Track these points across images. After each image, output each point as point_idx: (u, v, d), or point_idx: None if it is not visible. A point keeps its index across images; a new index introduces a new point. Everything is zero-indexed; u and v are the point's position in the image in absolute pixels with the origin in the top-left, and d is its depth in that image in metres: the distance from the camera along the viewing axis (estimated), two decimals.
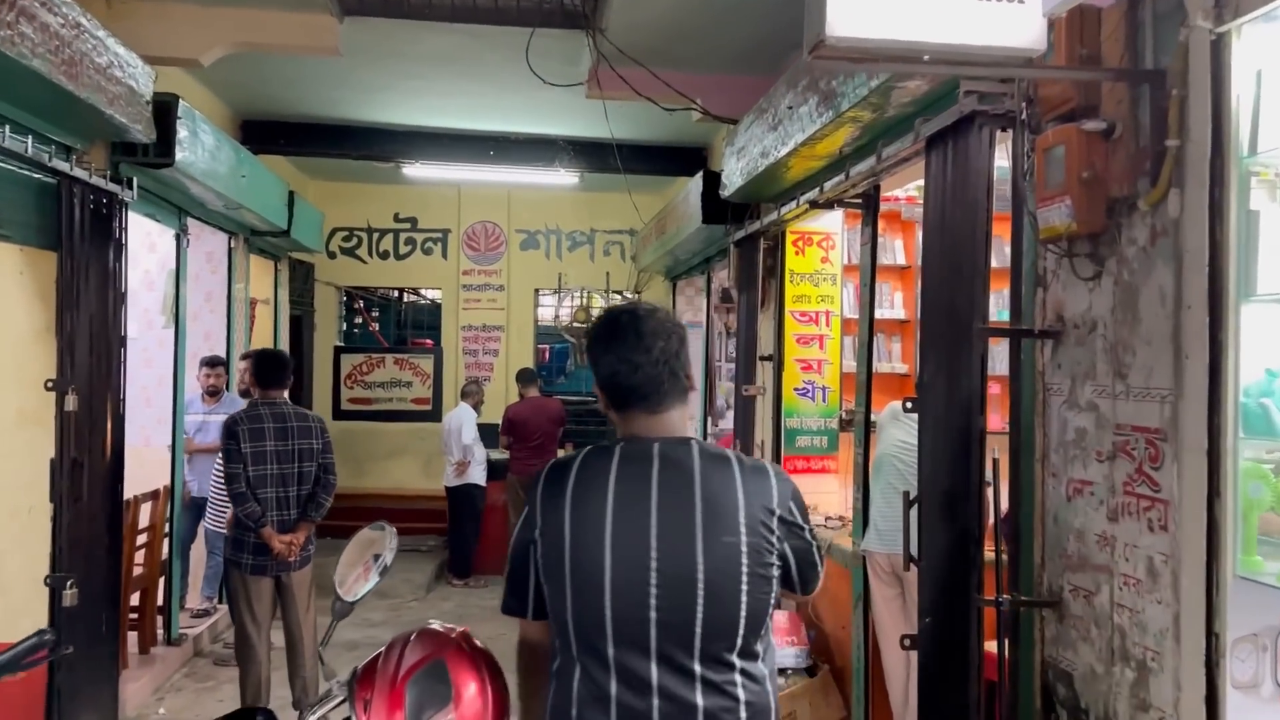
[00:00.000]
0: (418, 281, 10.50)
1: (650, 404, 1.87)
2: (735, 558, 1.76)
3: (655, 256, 8.39)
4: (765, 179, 5.11)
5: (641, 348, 1.85)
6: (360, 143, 7.87)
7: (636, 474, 1.81)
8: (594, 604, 1.76)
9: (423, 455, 10.20)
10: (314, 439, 5.03)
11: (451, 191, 10.23)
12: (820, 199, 4.43)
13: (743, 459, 1.88)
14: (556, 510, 1.83)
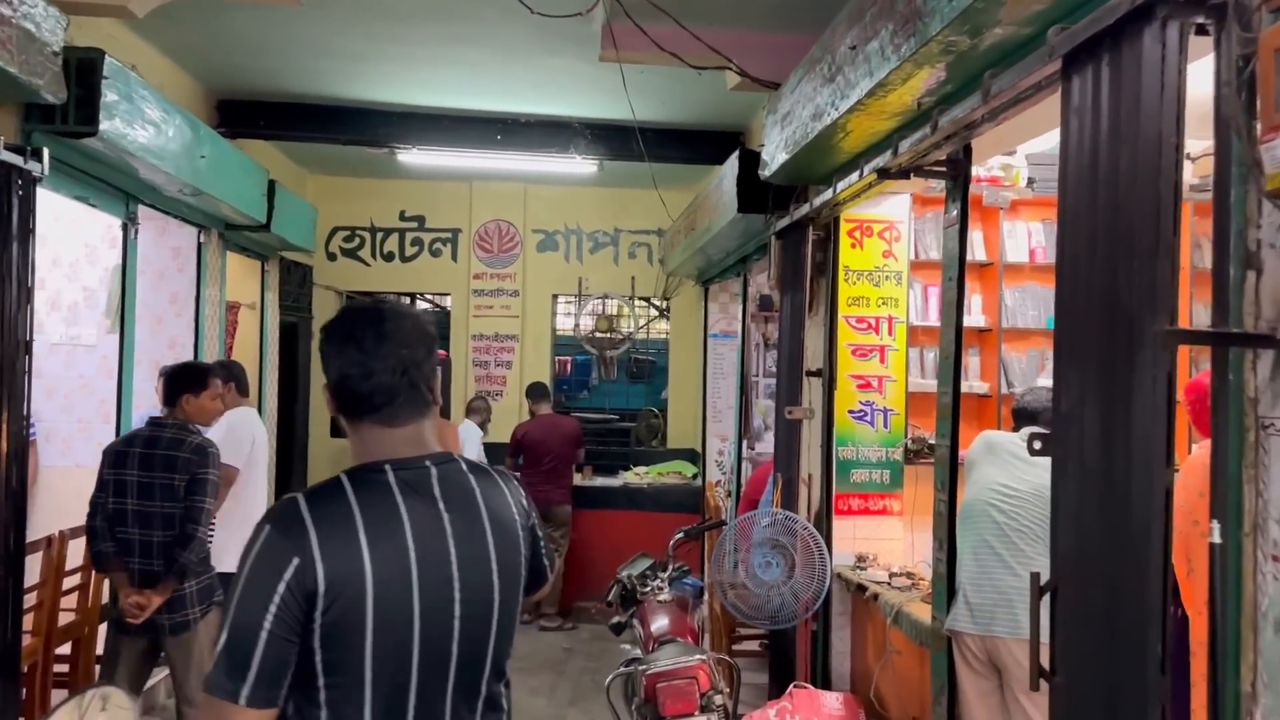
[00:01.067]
0: (425, 286, 9.55)
1: (383, 416, 1.71)
2: (518, 572, 1.77)
3: (684, 257, 7.38)
4: (816, 150, 4.08)
5: (379, 353, 1.70)
6: (349, 125, 6.93)
7: (424, 500, 1.68)
8: (400, 658, 1.60)
9: None
10: (176, 472, 3.99)
11: (462, 187, 9.29)
12: (893, 165, 3.39)
13: (497, 469, 1.87)
14: (348, 557, 1.57)
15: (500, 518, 1.73)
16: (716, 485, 8.16)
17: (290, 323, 8.82)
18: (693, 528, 4.95)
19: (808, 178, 4.60)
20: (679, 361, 9.31)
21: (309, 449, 9.28)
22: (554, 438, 7.93)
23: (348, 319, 1.75)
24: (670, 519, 8.13)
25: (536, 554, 1.86)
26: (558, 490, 7.93)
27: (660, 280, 9.17)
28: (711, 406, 8.25)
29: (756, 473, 6.49)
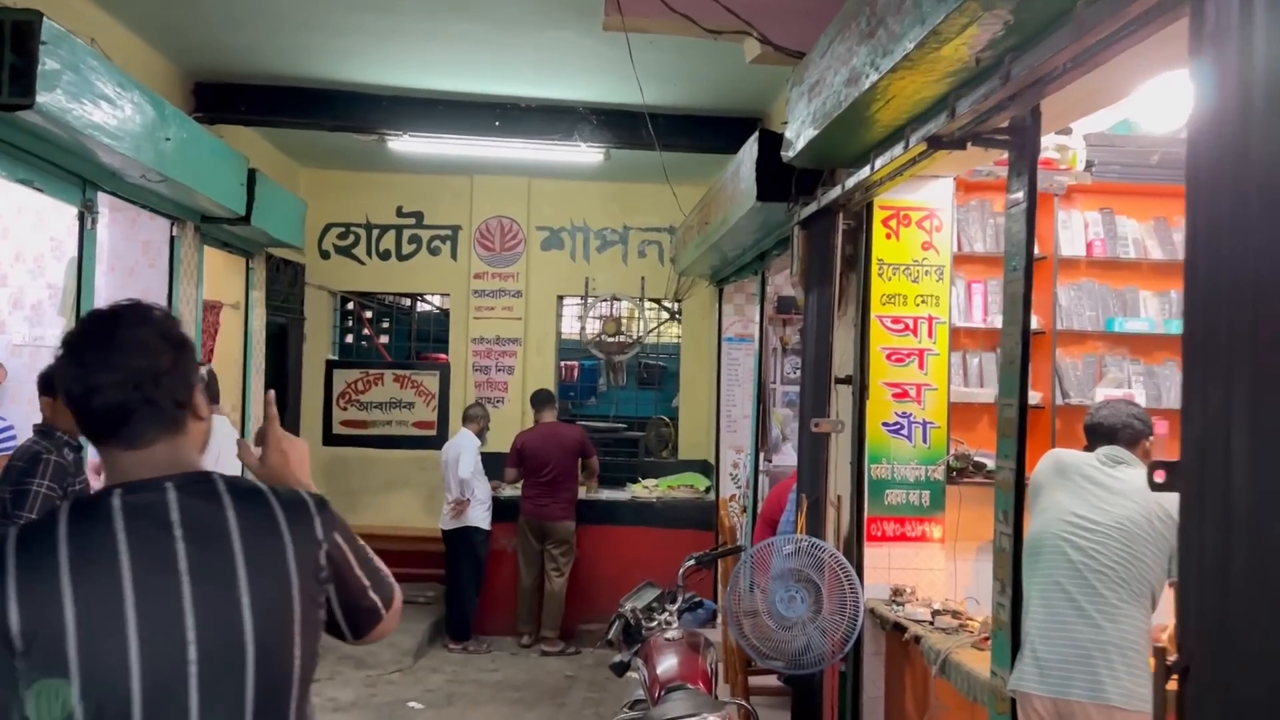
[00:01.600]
0: (422, 286, 9.03)
1: (121, 439, 1.50)
2: (287, 611, 1.50)
3: (697, 255, 6.83)
4: (850, 122, 3.53)
5: (108, 364, 1.47)
6: (336, 109, 6.42)
7: (152, 531, 1.45)
8: (118, 711, 1.38)
9: (425, 488, 8.70)
10: (7, 483, 3.46)
11: (462, 181, 8.77)
12: (948, 132, 2.85)
13: (279, 491, 1.58)
14: (46, 599, 1.38)
15: (265, 548, 1.49)
16: (731, 501, 7.60)
17: (279, 325, 8.32)
18: (706, 554, 4.41)
19: (838, 158, 4.05)
20: (691, 367, 8.77)
21: None
22: (553, 447, 7.40)
23: (77, 328, 1.55)
24: (681, 537, 7.60)
25: (348, 588, 1.60)
26: (558, 504, 7.39)
27: (671, 281, 8.63)
28: (726, 415, 7.71)
29: (775, 490, 5.94)
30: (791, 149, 4.15)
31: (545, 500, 7.38)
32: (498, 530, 7.64)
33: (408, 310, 9.80)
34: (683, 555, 7.70)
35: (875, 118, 3.42)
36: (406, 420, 8.83)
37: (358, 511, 8.75)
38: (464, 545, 7.38)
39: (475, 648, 7.33)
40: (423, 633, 7.28)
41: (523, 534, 7.47)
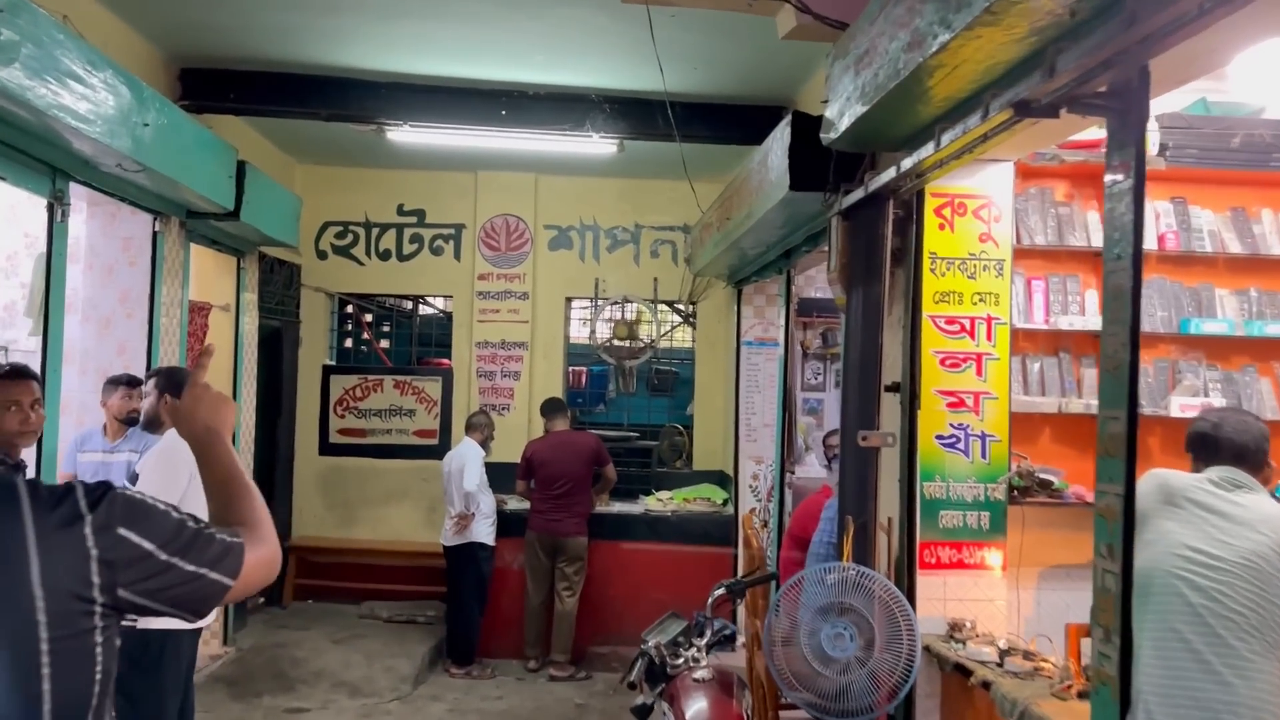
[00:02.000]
0: (424, 287, 8.60)
1: None
2: (29, 637, 1.31)
3: (715, 254, 6.40)
4: (907, 95, 3.10)
5: None
6: (330, 97, 6.00)
7: None
8: None
9: (426, 500, 8.28)
10: None
11: (465, 178, 8.35)
12: (1042, 95, 2.41)
13: (38, 487, 1.39)
14: None
15: None
16: (752, 514, 7.15)
17: (273, 328, 7.90)
18: (737, 581, 3.96)
19: (888, 138, 3.61)
20: (706, 373, 8.33)
21: (294, 468, 8.34)
22: (566, 457, 6.95)
23: None
24: (698, 553, 7.18)
25: (162, 580, 1.40)
26: (571, 519, 6.95)
27: (686, 282, 8.20)
28: (745, 424, 7.27)
29: (804, 505, 5.50)
30: (833, 130, 3.72)
31: (557, 514, 6.93)
32: (503, 546, 7.20)
33: (409, 313, 9.38)
34: (700, 572, 7.34)
35: (938, 87, 2.98)
36: (407, 429, 8.40)
37: (355, 525, 8.33)
38: (467, 562, 6.94)
39: (479, 673, 6.89)
40: (423, 656, 6.84)
41: (531, 550, 7.03)
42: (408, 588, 7.98)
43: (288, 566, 8.05)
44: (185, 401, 1.72)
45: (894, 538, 3.66)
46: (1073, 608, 4.05)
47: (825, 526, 4.90)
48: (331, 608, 7.91)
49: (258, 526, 1.58)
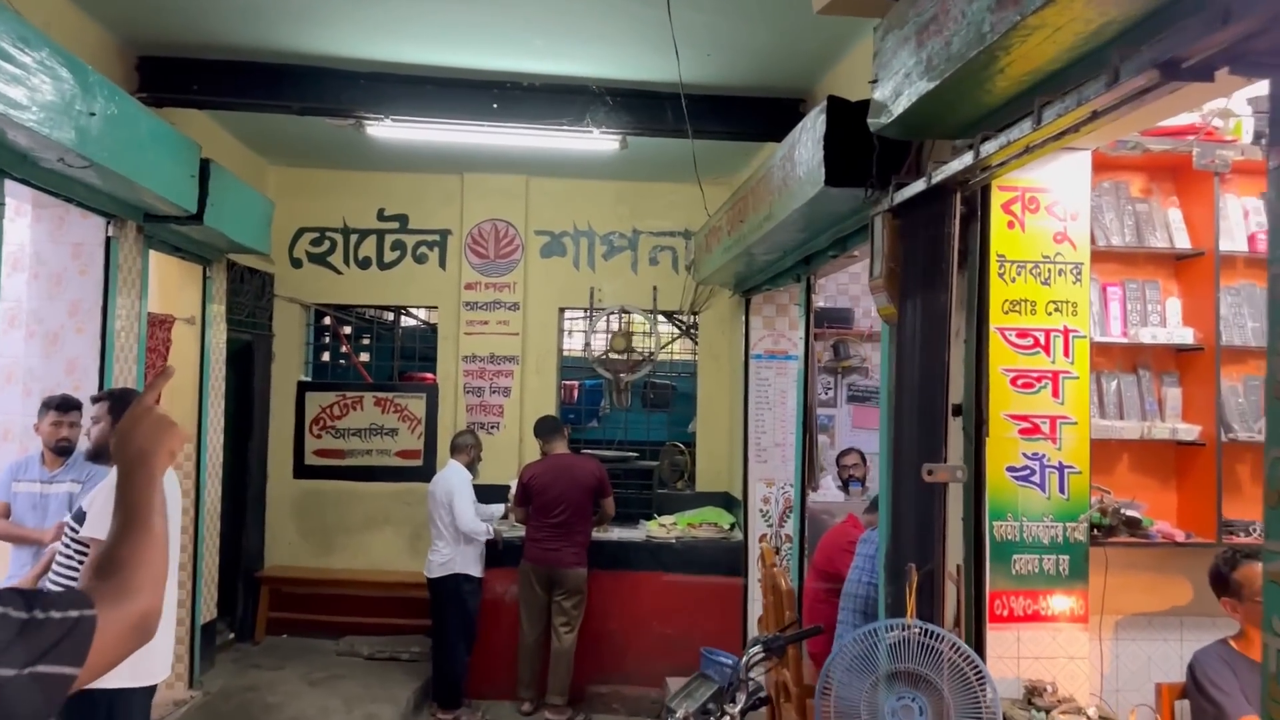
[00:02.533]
0: (407, 297, 8.05)
1: None
2: None
3: (725, 260, 5.89)
4: (989, 67, 2.59)
5: None
6: (304, 89, 5.44)
7: None
8: None
9: (409, 526, 7.72)
10: None
11: (451, 180, 7.81)
12: (1198, 53, 1.90)
13: None
14: None
15: None
16: (761, 541, 6.64)
17: (244, 342, 7.33)
18: (776, 637, 3.43)
19: (955, 122, 3.10)
20: (710, 387, 7.81)
21: (267, 492, 7.75)
22: (566, 483, 6.40)
23: None
24: (704, 584, 6.66)
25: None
26: (571, 549, 6.40)
27: (688, 290, 7.68)
28: (754, 443, 6.74)
29: (831, 536, 4.99)
30: (884, 114, 3.21)
31: (556, 544, 6.38)
32: (492, 577, 6.64)
33: (390, 326, 8.81)
34: (707, 604, 6.80)
35: (1035, 52, 2.48)
36: (389, 449, 7.84)
37: (333, 553, 7.76)
38: (451, 596, 6.37)
39: (468, 716, 6.32)
40: (407, 700, 6.26)
41: (526, 582, 6.48)
42: (390, 621, 7.40)
43: (259, 599, 7.48)
44: (124, 420, 1.60)
45: (961, 587, 3.14)
46: (1156, 662, 3.55)
47: (863, 564, 4.39)
48: (308, 643, 7.32)
49: (133, 576, 1.39)
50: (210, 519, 6.55)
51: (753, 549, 6.68)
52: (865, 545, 4.46)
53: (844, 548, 4.83)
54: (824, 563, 4.88)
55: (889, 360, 3.50)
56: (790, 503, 6.70)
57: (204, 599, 6.48)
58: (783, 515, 6.68)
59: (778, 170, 4.58)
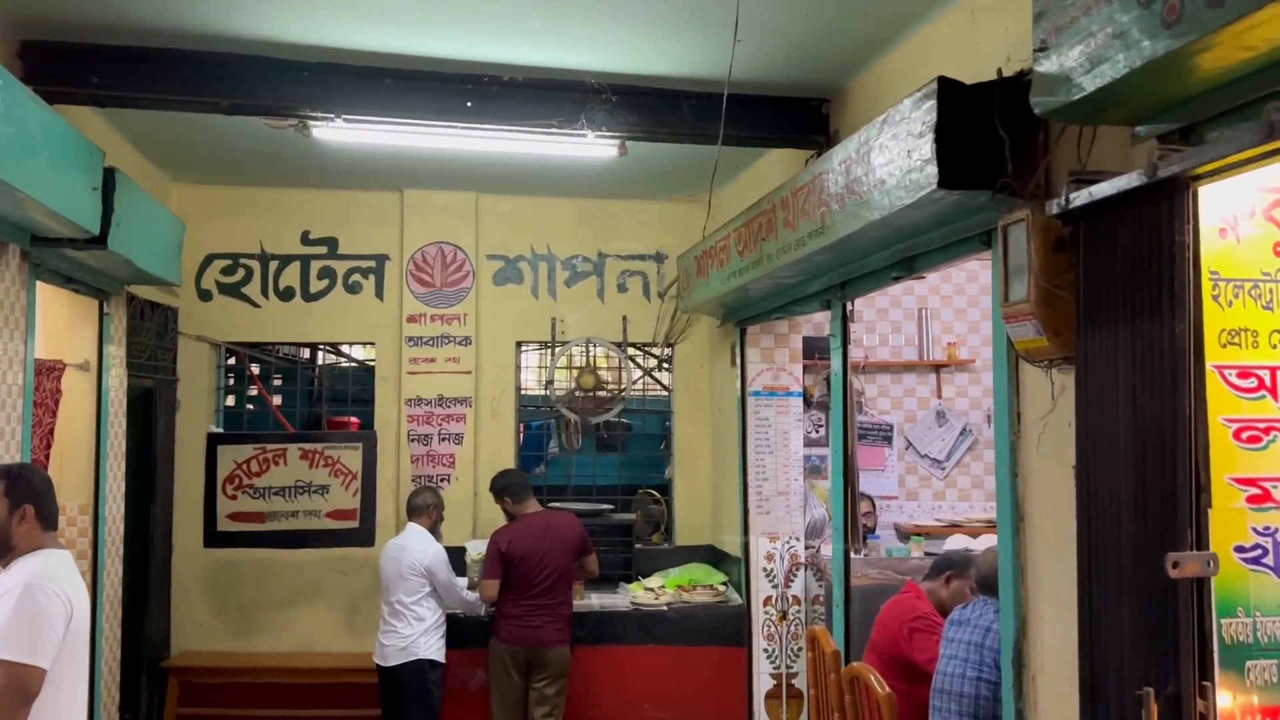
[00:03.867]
0: (338, 333, 7.01)
1: None
2: None
3: (731, 285, 5.11)
4: None
5: None
6: (236, 81, 4.44)
7: None
8: None
9: (344, 599, 6.65)
10: None
11: (388, 198, 6.85)
12: None
13: None
14: None
15: None
16: (767, 606, 5.85)
17: (144, 389, 6.19)
18: None
19: (1153, 102, 2.37)
20: (688, 428, 6.99)
21: (173, 566, 6.58)
22: (549, 546, 5.48)
23: None
24: (704, 656, 5.84)
25: None
26: (554, 624, 5.47)
27: (662, 320, 6.87)
28: (755, 491, 5.95)
29: (892, 608, 4.22)
30: (1066, 90, 2.45)
31: (536, 619, 5.43)
32: (455, 660, 5.66)
33: (314, 367, 7.73)
34: (707, 679, 5.82)
35: None
36: (318, 509, 6.76)
37: (253, 634, 6.63)
38: (412, 687, 5.37)
39: None
40: None
41: (499, 666, 5.50)
42: (325, 713, 6.30)
43: (167, 694, 6.29)
44: None
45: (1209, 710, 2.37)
46: None
47: (964, 654, 3.62)
48: None
49: None
50: (111, 604, 5.39)
51: (756, 614, 5.88)
52: (961, 629, 3.70)
53: (913, 626, 4.06)
54: (887, 644, 4.10)
55: (1081, 409, 2.72)
56: (797, 559, 5.92)
57: (103, 700, 5.31)
58: (789, 574, 5.90)
59: (835, 177, 3.82)
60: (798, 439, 5.96)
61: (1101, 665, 2.57)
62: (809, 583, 5.90)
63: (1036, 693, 3.16)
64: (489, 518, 6.68)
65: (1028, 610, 3.21)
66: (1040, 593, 3.16)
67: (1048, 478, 3.11)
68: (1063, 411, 3.03)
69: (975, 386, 7.11)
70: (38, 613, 2.86)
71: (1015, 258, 2.94)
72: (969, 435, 7.00)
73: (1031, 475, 3.20)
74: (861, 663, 3.77)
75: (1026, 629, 3.21)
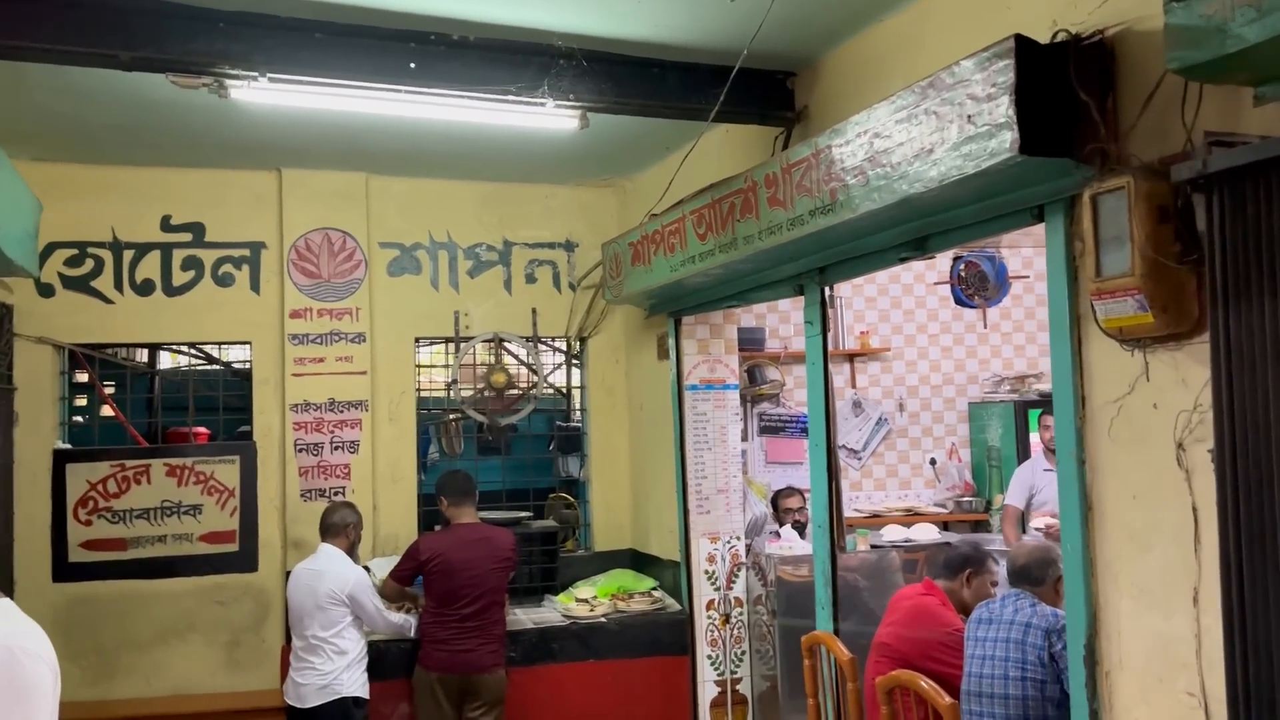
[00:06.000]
0: (207, 331, 6.15)
1: None
2: None
3: (683, 274, 4.77)
4: None
5: None
6: (136, 29, 3.70)
7: None
8: None
9: (225, 632, 5.86)
10: None
11: (264, 179, 6.09)
12: None
13: None
14: None
15: None
16: (709, 610, 5.55)
17: None
18: None
19: None
20: (605, 426, 6.58)
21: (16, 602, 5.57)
22: (482, 560, 4.98)
23: None
24: (647, 669, 5.53)
25: None
26: (488, 647, 4.98)
27: (576, 313, 6.45)
28: (695, 491, 5.63)
29: (922, 618, 3.97)
30: (1220, 43, 2.26)
31: (469, 642, 4.92)
32: (376, 693, 5.07)
33: (175, 371, 6.81)
34: (650, 692, 5.41)
35: None
36: (190, 533, 5.92)
37: (115, 678, 5.76)
38: None
39: None
40: None
41: (427, 697, 4.95)
42: None
43: None
44: None
45: None
46: None
47: (1004, 654, 3.49)
48: None
49: None
50: None
51: (699, 619, 5.57)
52: (992, 627, 3.51)
53: (948, 642, 3.81)
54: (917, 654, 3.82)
55: (1218, 395, 2.54)
56: (738, 559, 5.66)
57: None
58: (730, 575, 5.62)
59: (852, 149, 3.54)
60: (735, 434, 5.69)
61: (1248, 671, 2.39)
62: (751, 583, 5.65)
63: (1112, 691, 3.00)
64: (390, 533, 6.12)
65: (1099, 604, 3.04)
66: (1115, 585, 2.99)
67: (1126, 463, 2.94)
68: (1145, 393, 2.87)
69: (887, 375, 7.08)
70: None
71: (1111, 229, 2.74)
72: (885, 424, 6.96)
73: (1102, 461, 3.03)
74: (907, 671, 3.50)
75: (1099, 624, 3.04)
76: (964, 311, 7.05)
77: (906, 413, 7.12)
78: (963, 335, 7.24)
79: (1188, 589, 2.75)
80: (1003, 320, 7.23)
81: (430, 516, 5.90)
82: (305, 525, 5.72)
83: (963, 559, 4.04)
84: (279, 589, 5.75)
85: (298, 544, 5.81)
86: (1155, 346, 2.82)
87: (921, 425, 7.16)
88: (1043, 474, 6.30)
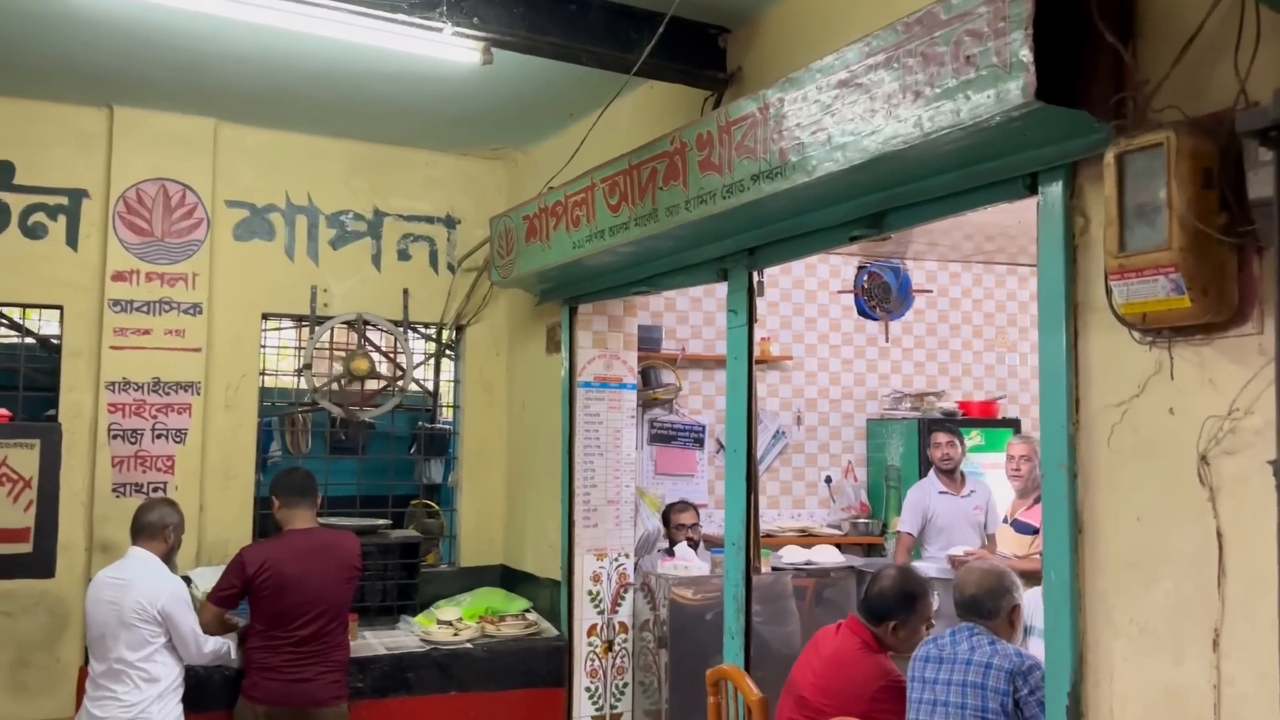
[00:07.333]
0: (10, 292, 5.13)
1: None
2: None
3: (600, 246, 4.17)
4: None
5: None
6: None
7: None
8: None
9: (11, 649, 4.89)
10: None
11: (94, 116, 5.17)
12: None
13: None
14: None
15: None
16: (591, 635, 4.93)
17: None
18: None
19: None
20: (479, 426, 5.87)
21: None
22: (321, 574, 4.21)
23: None
24: (519, 701, 4.80)
25: None
26: (329, 675, 4.21)
27: (455, 297, 5.74)
28: (582, 501, 5.01)
29: (847, 662, 3.42)
30: None
31: (305, 670, 4.13)
32: None
33: None
34: None
35: None
36: None
37: None
38: None
39: None
40: None
41: None
42: None
43: None
44: None
45: None
46: None
47: (960, 700, 3.01)
48: None
49: None
50: None
51: (579, 646, 4.94)
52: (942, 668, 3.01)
53: (880, 694, 3.28)
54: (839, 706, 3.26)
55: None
56: (626, 579, 5.06)
57: None
58: (616, 597, 5.02)
59: (809, 103, 3.02)
60: (630, 439, 5.11)
61: None
62: (639, 606, 5.05)
63: None
64: (218, 538, 5.26)
65: (1087, 644, 2.57)
66: (1109, 622, 2.53)
67: (1129, 478, 2.49)
68: (1159, 396, 2.43)
69: (786, 386, 6.63)
70: None
71: (1140, 193, 2.28)
72: (782, 438, 6.50)
73: (1098, 476, 2.57)
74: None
75: (1085, 668, 2.57)
76: (866, 324, 6.69)
77: (804, 426, 6.68)
78: (864, 348, 6.88)
79: (1206, 630, 2.30)
80: (904, 335, 6.90)
81: (267, 521, 5.07)
82: (116, 525, 4.80)
83: (884, 608, 3.40)
84: (80, 599, 4.80)
85: (106, 547, 4.90)
86: (1179, 340, 2.37)
87: (818, 441, 6.74)
88: (938, 496, 5.97)
